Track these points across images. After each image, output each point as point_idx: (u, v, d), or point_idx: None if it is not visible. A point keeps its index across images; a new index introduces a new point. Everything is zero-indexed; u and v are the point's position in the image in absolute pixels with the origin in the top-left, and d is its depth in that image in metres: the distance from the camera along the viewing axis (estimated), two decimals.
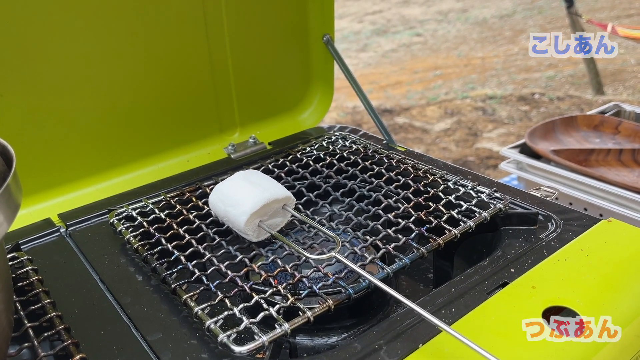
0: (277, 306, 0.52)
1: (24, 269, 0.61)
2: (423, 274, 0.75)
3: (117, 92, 0.79)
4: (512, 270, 0.58)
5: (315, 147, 0.86)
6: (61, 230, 0.72)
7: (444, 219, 0.64)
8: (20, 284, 0.59)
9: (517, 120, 3.92)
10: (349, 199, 0.71)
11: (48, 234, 0.71)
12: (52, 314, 0.53)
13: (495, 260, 0.60)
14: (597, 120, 1.49)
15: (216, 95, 0.88)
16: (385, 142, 0.89)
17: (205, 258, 0.60)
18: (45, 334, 0.51)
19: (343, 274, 0.57)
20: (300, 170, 0.78)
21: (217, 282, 0.56)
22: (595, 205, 1.23)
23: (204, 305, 0.53)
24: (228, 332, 0.49)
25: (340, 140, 0.87)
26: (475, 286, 0.56)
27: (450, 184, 0.71)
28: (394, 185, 0.72)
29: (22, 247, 0.68)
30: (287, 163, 0.80)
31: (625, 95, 4.03)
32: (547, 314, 0.53)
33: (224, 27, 0.84)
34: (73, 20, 0.71)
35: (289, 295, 0.53)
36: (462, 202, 0.67)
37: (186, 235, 0.64)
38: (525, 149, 1.42)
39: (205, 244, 0.63)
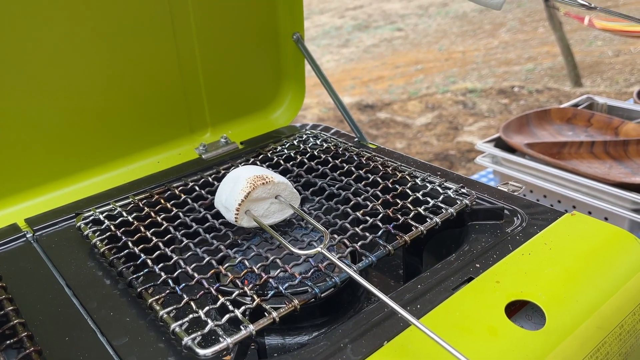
0: (243, 307, 0.52)
1: None
2: (394, 270, 0.75)
3: (83, 94, 0.78)
4: (478, 265, 0.59)
5: (287, 146, 0.86)
6: (27, 236, 0.71)
7: (410, 215, 0.64)
8: None
9: (497, 114, 3.96)
10: (318, 198, 0.71)
11: (14, 239, 0.70)
12: (15, 321, 0.52)
13: (461, 255, 0.61)
14: (570, 113, 1.50)
15: (185, 95, 0.87)
16: (357, 139, 0.90)
17: (172, 260, 0.60)
18: (7, 342, 0.50)
19: (310, 273, 0.57)
20: (270, 169, 0.78)
21: (184, 284, 0.56)
22: (568, 197, 1.25)
23: (169, 309, 0.53)
24: (192, 335, 0.49)
25: (311, 139, 0.87)
26: (441, 282, 0.57)
27: (418, 180, 0.72)
28: (363, 183, 0.73)
29: None
30: (258, 162, 0.80)
31: (603, 87, 4.08)
32: (510, 308, 0.53)
33: (192, 25, 0.84)
34: (36, 21, 0.71)
35: (255, 296, 0.53)
36: (429, 199, 0.67)
37: (153, 238, 0.64)
38: (500, 143, 1.43)
39: (173, 246, 0.63)
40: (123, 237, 0.65)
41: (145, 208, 0.70)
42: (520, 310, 0.57)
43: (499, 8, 0.63)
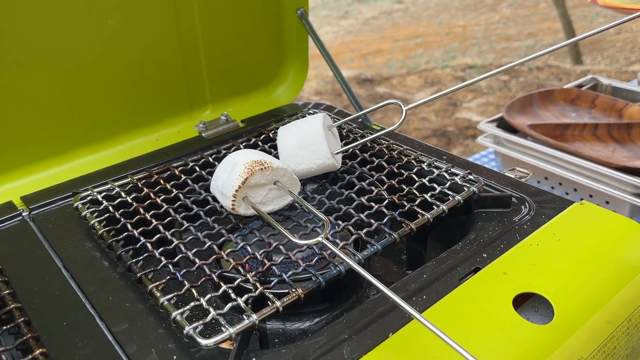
0: (246, 296, 0.51)
1: None
2: (397, 256, 0.74)
3: (80, 69, 0.76)
4: (485, 255, 0.58)
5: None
6: (24, 214, 0.69)
7: (416, 202, 0.63)
8: None
9: (496, 90, 3.93)
10: (322, 181, 0.70)
11: (9, 218, 0.68)
12: (12, 306, 0.51)
13: (468, 244, 0.60)
14: (574, 94, 1.48)
15: (186, 71, 0.85)
16: (360, 120, 0.88)
17: (173, 245, 0.59)
18: (4, 328, 0.49)
19: (314, 261, 0.55)
20: (272, 150, 0.76)
21: (185, 270, 0.55)
22: (569, 180, 1.24)
23: (170, 296, 0.51)
24: (194, 324, 0.48)
25: None
26: (447, 272, 0.56)
27: (424, 165, 0.70)
28: (367, 167, 0.71)
29: None
30: (260, 143, 0.78)
31: (603, 65, 4.05)
32: (517, 299, 0.53)
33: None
34: None
35: (258, 284, 0.52)
36: (435, 185, 0.66)
37: (153, 220, 0.62)
38: (502, 123, 1.41)
39: (173, 229, 0.62)
40: (122, 219, 0.63)
41: (145, 189, 0.69)
42: (527, 302, 0.56)
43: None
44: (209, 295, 0.51)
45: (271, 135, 0.80)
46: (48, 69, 0.73)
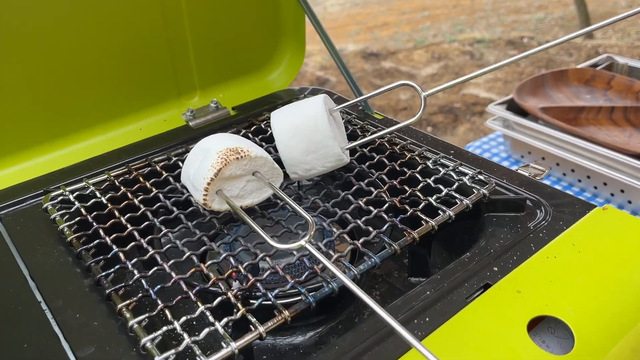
0: (225, 319, 0.45)
1: None
2: (398, 259, 0.68)
3: (55, 51, 0.69)
4: (496, 268, 0.51)
5: None
6: None
7: (420, 207, 0.56)
8: None
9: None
10: (316, 180, 0.64)
11: None
12: None
13: (477, 254, 0.54)
14: (588, 74, 1.40)
15: (172, 54, 0.78)
16: (361, 108, 0.81)
17: (148, 255, 0.53)
18: None
19: (304, 276, 0.49)
20: (263, 144, 0.70)
21: (159, 286, 0.49)
22: (582, 166, 1.17)
23: (141, 318, 0.46)
24: (166, 354, 0.42)
25: None
26: (453, 289, 0.50)
27: (429, 163, 0.63)
28: (367, 163, 0.64)
29: None
30: (250, 135, 0.72)
31: (615, 40, 3.94)
32: (534, 324, 0.47)
33: None
34: None
35: (239, 304, 0.46)
36: (441, 187, 0.59)
37: (128, 225, 0.56)
38: (512, 105, 1.34)
39: (151, 236, 0.56)
40: (94, 224, 0.57)
41: (122, 187, 0.63)
42: (542, 322, 0.50)
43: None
44: (184, 318, 0.45)
45: (263, 126, 0.74)
46: (20, 53, 0.66)
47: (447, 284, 0.50)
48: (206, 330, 0.44)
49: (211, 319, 0.45)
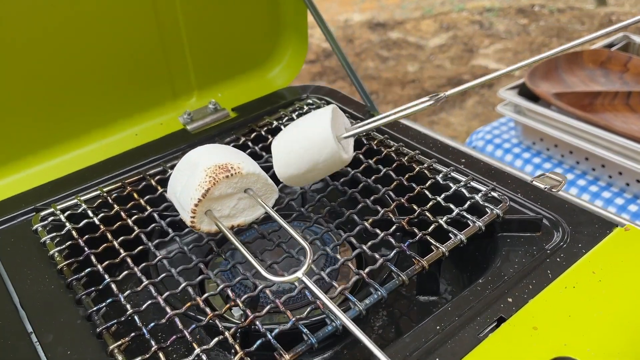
0: None
1: None
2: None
3: (43, 57, 0.65)
4: (510, 299, 0.48)
5: (284, 120, 0.73)
6: None
7: (430, 229, 0.53)
8: None
9: (515, 35, 3.75)
10: (319, 196, 0.60)
11: None
12: None
13: (490, 282, 0.50)
14: (604, 56, 1.34)
15: (165, 53, 0.74)
16: (367, 108, 0.77)
17: (142, 285, 0.50)
18: None
19: (305, 313, 0.47)
20: (264, 154, 0.66)
21: (153, 324, 0.46)
22: (597, 155, 1.13)
23: None
24: None
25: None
26: (465, 323, 0.47)
27: (439, 177, 0.60)
28: (373, 177, 0.61)
29: None
30: (250, 144, 0.68)
31: (628, 7, 3.84)
32: None
33: None
34: None
35: (237, 346, 0.43)
36: (452, 205, 0.55)
37: (121, 250, 0.54)
38: (525, 90, 1.29)
39: (145, 263, 0.53)
40: (86, 249, 0.54)
41: (115, 206, 0.59)
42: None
43: None
44: None
45: (263, 134, 0.70)
46: (10, 60, 0.63)
47: (459, 317, 0.47)
48: None
49: None
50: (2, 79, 0.64)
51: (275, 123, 0.72)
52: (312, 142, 0.52)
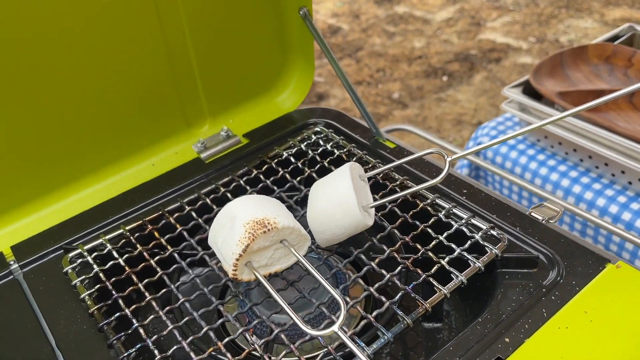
0: None
1: None
2: None
3: (63, 97, 0.68)
4: (507, 339, 0.52)
5: (293, 151, 0.76)
6: (13, 271, 0.65)
7: (433, 270, 0.57)
8: None
9: (523, 7, 3.71)
10: None
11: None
12: None
13: (488, 321, 0.54)
14: (609, 50, 1.35)
15: (177, 83, 0.77)
16: (373, 134, 0.80)
17: (167, 330, 0.54)
18: None
19: (318, 359, 0.51)
20: (275, 188, 0.70)
21: None
22: (599, 154, 1.15)
23: None
24: None
25: (321, 142, 0.77)
26: None
27: (442, 215, 0.63)
28: (379, 214, 0.64)
29: None
30: (261, 177, 0.72)
31: None
32: None
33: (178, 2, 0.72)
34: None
35: None
36: (453, 245, 0.59)
37: (147, 293, 0.58)
38: (529, 87, 1.30)
39: (169, 307, 0.57)
40: (113, 292, 0.58)
41: (138, 245, 0.64)
42: None
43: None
44: None
45: (274, 166, 0.73)
46: (25, 101, 0.66)
47: (460, 358, 0.51)
48: None
49: None
50: (26, 120, 0.67)
51: (285, 154, 0.75)
52: (344, 223, 0.58)
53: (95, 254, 0.64)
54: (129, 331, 0.55)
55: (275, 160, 0.75)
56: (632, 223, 1.05)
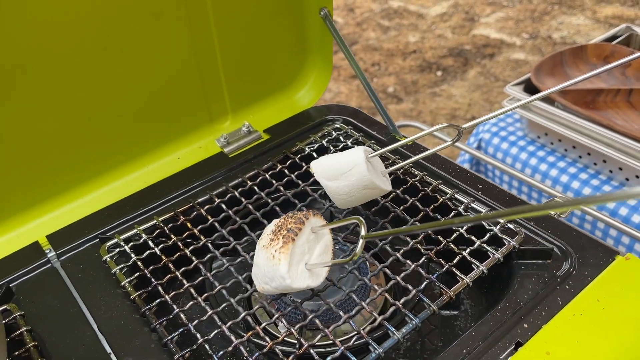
0: None
1: (19, 330, 0.58)
2: None
3: (91, 95, 0.71)
4: (526, 325, 0.56)
5: (315, 147, 0.79)
6: (51, 258, 0.68)
7: (455, 261, 0.60)
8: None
9: (516, 3, 3.75)
10: (353, 226, 0.67)
11: (37, 265, 0.67)
12: None
13: (508, 308, 0.58)
14: (607, 50, 1.40)
15: (202, 80, 0.80)
16: (390, 131, 0.83)
17: (207, 315, 0.58)
18: None
19: (352, 342, 0.55)
20: (300, 182, 0.73)
21: (222, 352, 0.54)
22: (598, 152, 1.20)
23: None
24: None
25: (341, 138, 0.81)
26: (487, 348, 0.55)
27: (461, 209, 0.67)
28: (401, 207, 0.68)
29: (11, 284, 0.65)
30: (286, 171, 0.75)
31: None
32: None
33: (207, 2, 0.75)
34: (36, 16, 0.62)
35: None
36: (473, 238, 0.63)
37: (184, 281, 0.61)
38: (530, 85, 1.35)
39: (207, 294, 0.60)
40: (152, 280, 0.62)
41: (172, 236, 0.67)
42: None
43: None
44: None
45: (297, 161, 0.77)
46: (59, 98, 0.69)
47: (481, 340, 0.55)
48: None
49: None
50: (56, 115, 0.70)
51: (307, 150, 0.79)
52: (352, 178, 0.61)
53: (131, 243, 0.67)
54: (170, 316, 0.58)
55: (299, 155, 0.78)
56: (628, 218, 1.09)
